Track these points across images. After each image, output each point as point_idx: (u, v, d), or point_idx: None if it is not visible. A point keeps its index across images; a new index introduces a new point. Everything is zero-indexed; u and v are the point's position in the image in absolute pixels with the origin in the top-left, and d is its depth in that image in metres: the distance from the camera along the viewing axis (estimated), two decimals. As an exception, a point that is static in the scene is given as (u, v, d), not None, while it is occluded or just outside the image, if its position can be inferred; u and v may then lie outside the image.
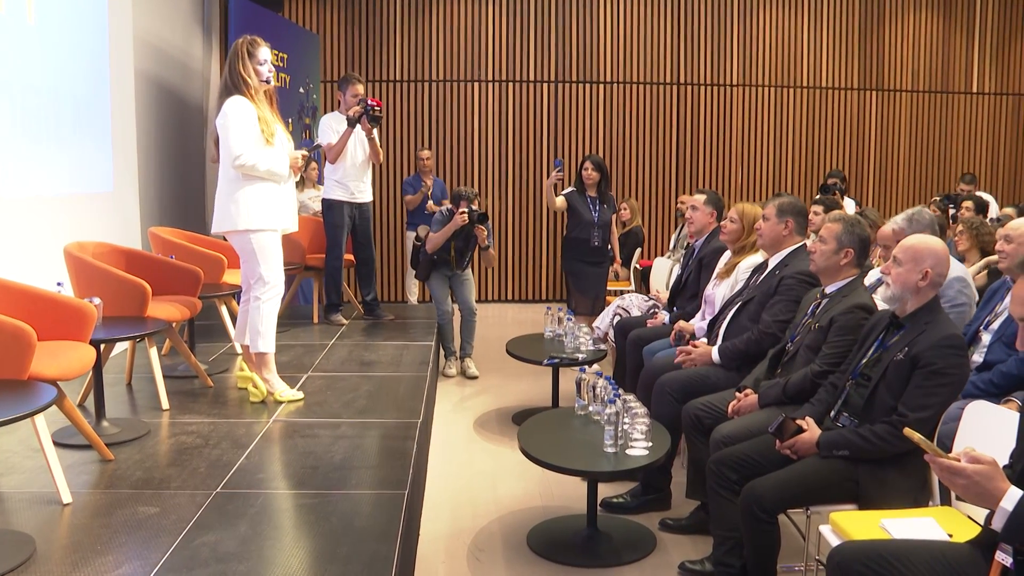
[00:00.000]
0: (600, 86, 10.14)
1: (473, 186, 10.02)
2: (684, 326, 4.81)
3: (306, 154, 4.63)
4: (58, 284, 4.16)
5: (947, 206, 7.46)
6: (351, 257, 6.71)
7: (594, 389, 3.90)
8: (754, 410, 3.56)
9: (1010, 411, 2.90)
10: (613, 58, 10.11)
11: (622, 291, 7.85)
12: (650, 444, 3.54)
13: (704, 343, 4.38)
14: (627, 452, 3.51)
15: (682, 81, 10.19)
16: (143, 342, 4.58)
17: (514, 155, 10.12)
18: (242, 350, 4.70)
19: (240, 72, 4.31)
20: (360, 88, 6.33)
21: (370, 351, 5.76)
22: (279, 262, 4.49)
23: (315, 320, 6.66)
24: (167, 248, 5.40)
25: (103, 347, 4.06)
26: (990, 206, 7.96)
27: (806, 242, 4.15)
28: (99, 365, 3.93)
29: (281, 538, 3.00)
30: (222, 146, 4.33)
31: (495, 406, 5.95)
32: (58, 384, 3.26)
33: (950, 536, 2.57)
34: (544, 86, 10.10)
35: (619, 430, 3.53)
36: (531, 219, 10.22)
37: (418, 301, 9.09)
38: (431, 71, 10.01)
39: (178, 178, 7.92)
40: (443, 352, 6.70)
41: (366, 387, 4.89)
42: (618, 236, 8.71)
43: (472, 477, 4.65)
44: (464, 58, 10.02)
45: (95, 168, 5.75)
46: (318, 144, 6.21)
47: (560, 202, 6.65)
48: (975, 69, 10.56)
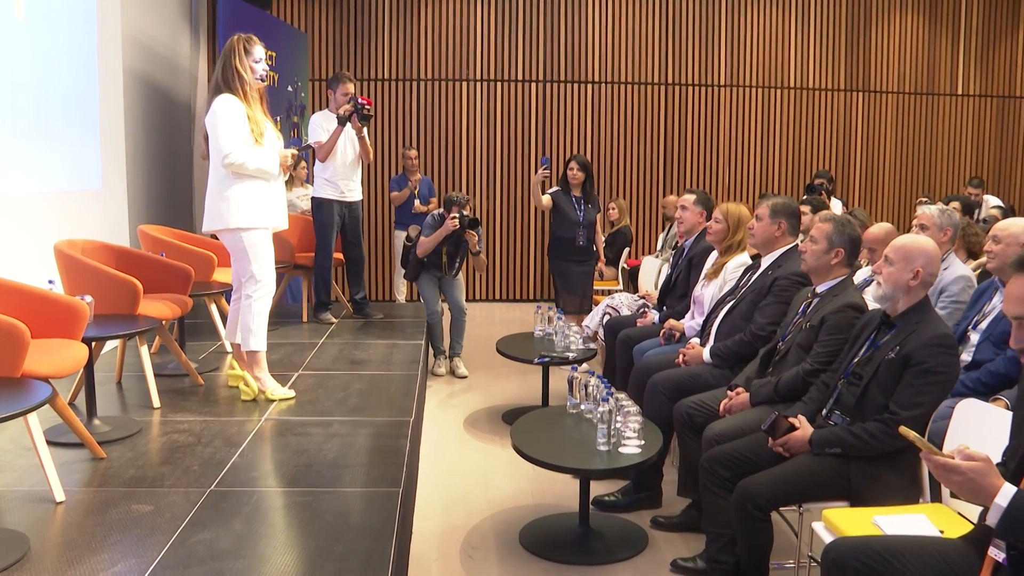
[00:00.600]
0: (589, 86, 10.17)
1: (462, 185, 10.04)
2: (674, 324, 4.84)
3: (296, 153, 4.62)
4: (49, 282, 4.14)
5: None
6: (340, 256, 6.71)
7: (586, 388, 3.92)
8: (746, 408, 3.59)
9: (1000, 409, 2.94)
10: (602, 58, 10.14)
11: (611, 290, 7.87)
12: (643, 442, 3.56)
13: (696, 343, 4.40)
14: (620, 450, 3.53)
15: (670, 81, 10.23)
16: (134, 340, 4.57)
17: (503, 154, 10.14)
18: (233, 348, 4.69)
19: (236, 67, 4.29)
20: (350, 87, 6.32)
21: (360, 350, 5.76)
22: (270, 260, 4.49)
23: (304, 319, 6.65)
24: (157, 246, 5.38)
25: (94, 345, 4.05)
26: (984, 207, 8.04)
27: (798, 243, 4.18)
28: (90, 363, 3.91)
29: (276, 536, 3.00)
30: (212, 145, 4.32)
31: (485, 405, 5.96)
32: (51, 382, 3.25)
33: (941, 532, 2.59)
34: (533, 85, 10.12)
35: (612, 428, 3.55)
36: (519, 218, 10.24)
37: (406, 300, 9.08)
38: (420, 70, 10.02)
39: (166, 176, 7.89)
40: (432, 351, 6.70)
41: (357, 386, 4.89)
42: (606, 236, 8.74)
43: (463, 476, 4.66)
44: (453, 57, 10.03)
45: (84, 166, 5.72)
46: (308, 144, 6.21)
47: (546, 200, 6.68)
48: (960, 71, 10.64)
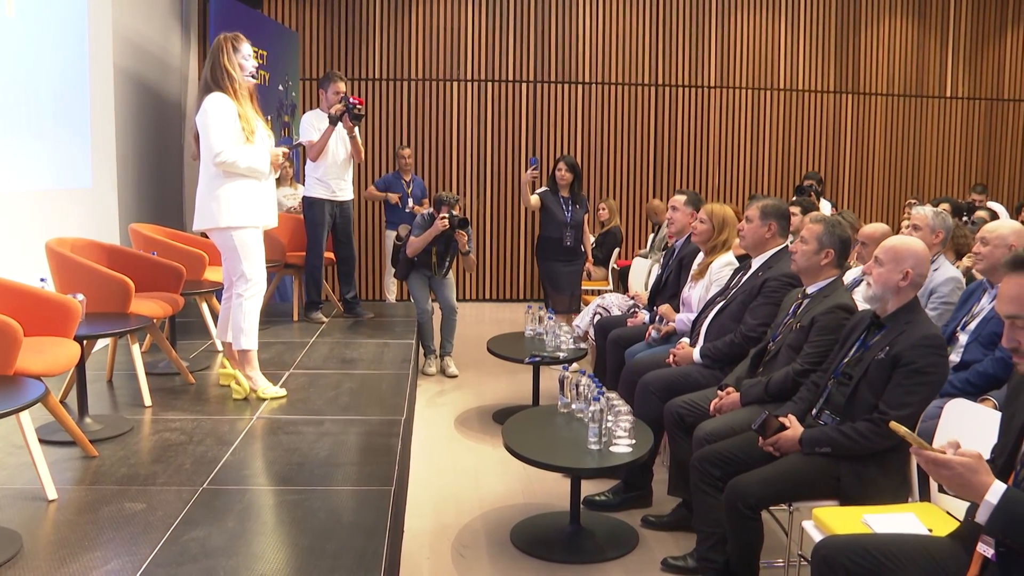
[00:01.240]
0: (579, 86, 10.19)
1: (451, 185, 10.04)
2: (667, 311, 4.85)
3: (287, 151, 4.63)
4: (41, 280, 4.14)
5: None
6: (331, 255, 6.71)
7: (577, 387, 3.94)
8: (736, 408, 3.61)
9: (989, 409, 2.97)
10: (592, 59, 10.17)
11: (601, 290, 7.90)
12: (633, 441, 3.58)
13: (686, 343, 4.43)
14: (611, 449, 3.55)
15: (660, 82, 10.26)
16: (125, 339, 4.56)
17: (493, 154, 10.15)
18: (224, 347, 4.69)
19: (225, 65, 4.28)
20: (342, 86, 6.32)
21: (351, 349, 5.76)
22: (261, 259, 4.49)
23: (295, 318, 6.65)
24: (148, 245, 5.37)
25: (85, 343, 4.04)
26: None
27: (788, 244, 4.20)
28: (82, 361, 3.90)
29: (269, 534, 3.01)
30: (203, 143, 4.31)
31: (475, 404, 5.97)
32: (43, 380, 3.24)
33: (930, 531, 2.62)
34: (523, 86, 10.13)
35: (603, 428, 3.56)
36: (509, 218, 10.25)
37: (396, 299, 9.08)
38: (410, 70, 10.02)
39: (157, 175, 7.88)
40: (423, 350, 6.70)
41: (348, 384, 4.89)
42: (596, 236, 8.76)
43: (455, 475, 4.67)
44: (443, 57, 10.03)
45: (74, 164, 5.71)
46: (299, 142, 6.21)
47: (535, 201, 6.70)
48: (949, 74, 10.71)
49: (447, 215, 6.32)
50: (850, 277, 4.58)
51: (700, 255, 4.93)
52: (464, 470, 4.74)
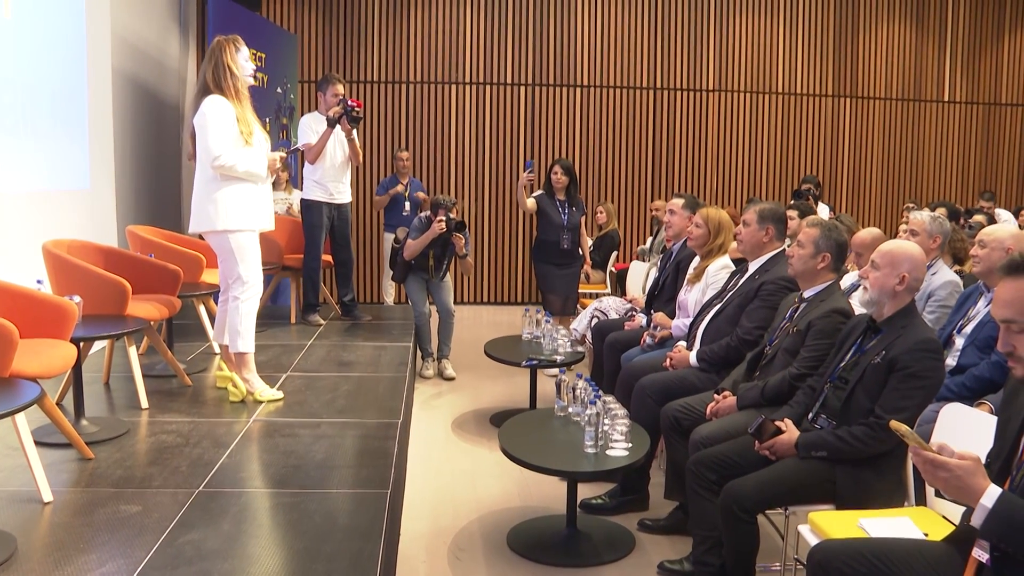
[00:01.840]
0: (577, 89, 10.19)
1: (451, 188, 10.04)
2: (662, 319, 4.85)
3: (284, 155, 4.62)
4: (38, 282, 4.13)
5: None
6: (329, 258, 6.71)
7: (574, 390, 3.94)
8: (732, 412, 3.60)
9: (984, 413, 2.97)
10: (591, 62, 10.17)
11: (599, 294, 7.89)
12: (630, 445, 3.57)
13: (683, 346, 4.43)
14: (607, 453, 3.55)
15: (659, 86, 10.26)
16: (122, 340, 4.56)
17: (492, 157, 10.15)
18: (221, 349, 4.69)
19: (228, 65, 4.28)
20: (340, 88, 6.32)
21: (348, 351, 5.76)
22: (257, 261, 4.49)
23: (292, 320, 6.65)
24: (146, 247, 5.37)
25: (82, 345, 4.03)
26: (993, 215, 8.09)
27: (785, 247, 4.20)
28: (79, 363, 3.90)
29: (265, 536, 3.00)
30: (200, 146, 4.31)
31: (472, 407, 5.96)
32: (39, 382, 3.24)
33: (926, 535, 2.62)
34: (522, 89, 10.14)
35: (599, 431, 3.56)
36: (508, 221, 10.25)
37: (394, 302, 9.08)
38: (409, 72, 10.02)
39: (154, 176, 7.88)
40: (420, 353, 6.70)
41: (345, 387, 4.89)
42: (594, 239, 8.76)
43: (451, 477, 4.67)
44: (442, 60, 10.04)
45: (72, 165, 5.71)
46: (297, 147, 6.20)
47: (531, 204, 6.71)
48: (947, 78, 10.72)
49: (444, 218, 6.32)
50: (848, 282, 4.58)
51: (695, 259, 4.93)
52: (461, 473, 4.74)
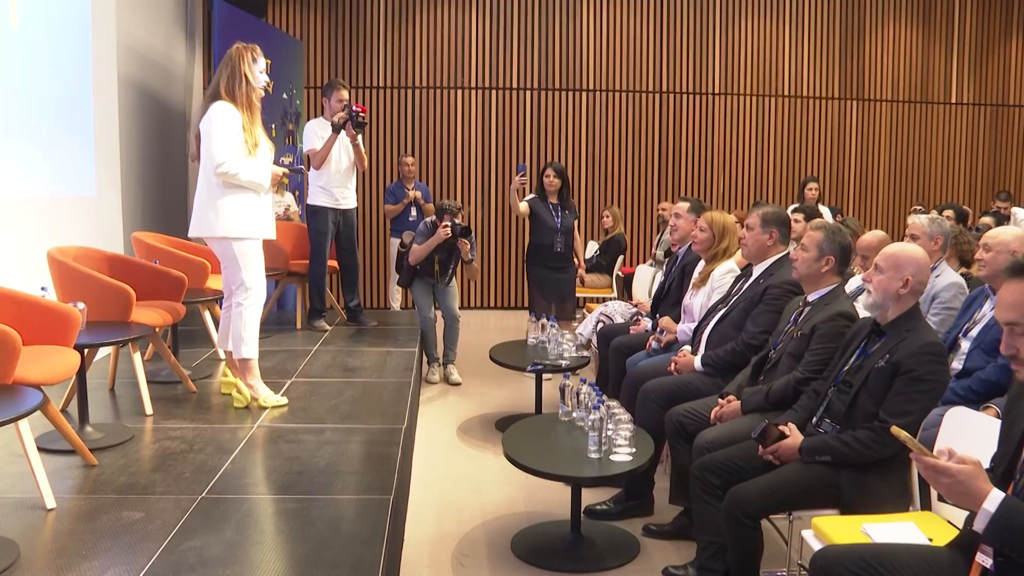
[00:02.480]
0: (582, 94, 10.19)
1: (456, 193, 10.05)
2: (667, 324, 4.84)
3: (287, 172, 4.62)
4: (42, 288, 4.15)
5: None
6: (335, 263, 6.71)
7: (578, 395, 3.93)
8: (737, 416, 3.59)
9: (989, 417, 2.95)
10: (595, 66, 10.17)
11: (605, 298, 7.88)
12: (634, 450, 3.56)
13: (687, 351, 4.41)
14: (611, 458, 3.54)
15: (664, 89, 10.25)
16: (126, 347, 4.56)
17: (496, 162, 10.15)
18: (226, 355, 4.69)
19: (246, 73, 4.28)
20: (345, 94, 6.33)
21: (354, 357, 5.76)
22: (260, 268, 4.48)
23: (298, 326, 6.65)
24: (151, 253, 5.37)
25: (87, 352, 4.04)
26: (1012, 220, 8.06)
27: (790, 251, 4.19)
28: (83, 370, 3.91)
29: (267, 543, 3.00)
30: (204, 152, 4.31)
31: (478, 412, 5.96)
32: (42, 389, 3.25)
33: (930, 540, 2.60)
34: (526, 93, 10.14)
35: (603, 436, 3.55)
36: (514, 226, 10.24)
37: (401, 307, 9.08)
38: (414, 77, 10.03)
39: (160, 183, 7.90)
40: (426, 359, 6.70)
41: (350, 393, 4.89)
42: (600, 243, 8.75)
43: (456, 483, 4.66)
44: (447, 65, 10.05)
45: (78, 172, 5.73)
46: (299, 167, 6.21)
47: (524, 208, 6.71)
48: (954, 80, 10.69)
49: (449, 223, 6.32)
50: (853, 285, 4.56)
51: (700, 263, 4.92)
52: (466, 478, 4.73)
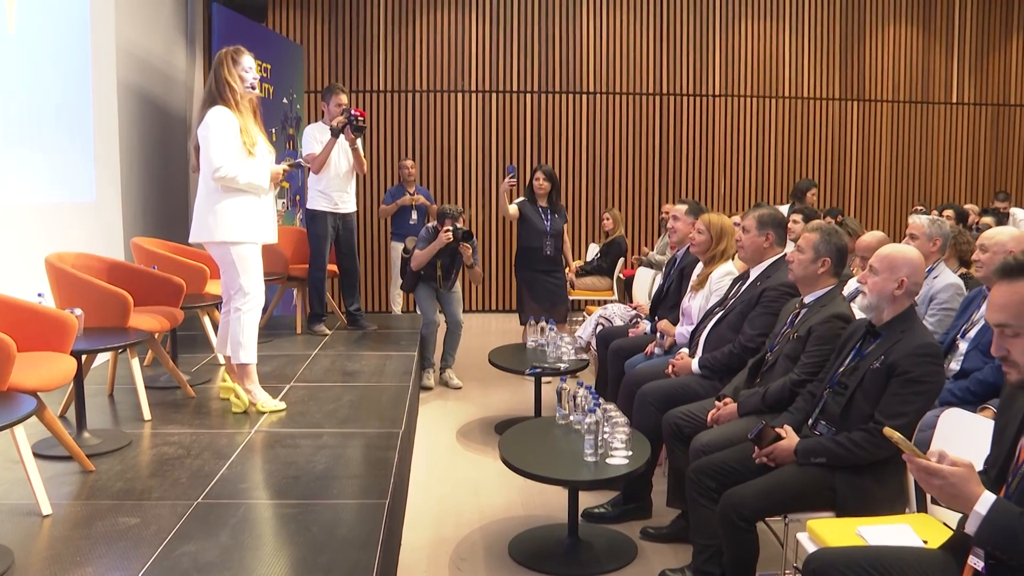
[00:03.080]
0: (583, 96, 10.19)
1: (457, 196, 10.05)
2: (666, 327, 4.84)
3: (287, 168, 4.62)
4: (39, 295, 4.15)
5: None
6: (335, 268, 6.72)
7: (574, 398, 3.92)
8: (733, 419, 3.58)
9: (984, 419, 2.94)
10: (595, 68, 10.17)
11: (604, 300, 7.87)
12: (630, 453, 3.55)
13: (685, 353, 4.40)
14: (607, 461, 3.53)
15: (664, 91, 10.25)
16: (125, 353, 4.57)
17: (497, 165, 10.15)
18: (225, 360, 4.69)
19: (226, 78, 4.30)
20: (343, 98, 6.34)
21: (353, 361, 5.76)
22: (259, 273, 4.48)
23: (298, 331, 6.65)
24: (150, 259, 5.38)
25: (85, 358, 4.04)
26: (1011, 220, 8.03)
27: (787, 253, 4.18)
28: (80, 376, 3.91)
29: (262, 548, 3.00)
30: (203, 157, 4.32)
31: (478, 416, 5.95)
32: (38, 395, 3.25)
33: (925, 542, 2.59)
34: (527, 96, 10.14)
35: (599, 439, 3.54)
36: (514, 230, 10.18)
37: (402, 311, 9.08)
38: (414, 81, 10.04)
39: (161, 188, 7.91)
40: (423, 363, 6.67)
41: (348, 397, 4.88)
42: (601, 246, 8.74)
43: (455, 486, 4.66)
44: (447, 68, 10.06)
45: (77, 178, 5.74)
46: (299, 161, 6.21)
47: (513, 210, 6.70)
48: (954, 80, 10.67)
49: (451, 228, 6.31)
50: (852, 287, 4.55)
51: (699, 266, 4.91)
52: (465, 482, 4.73)
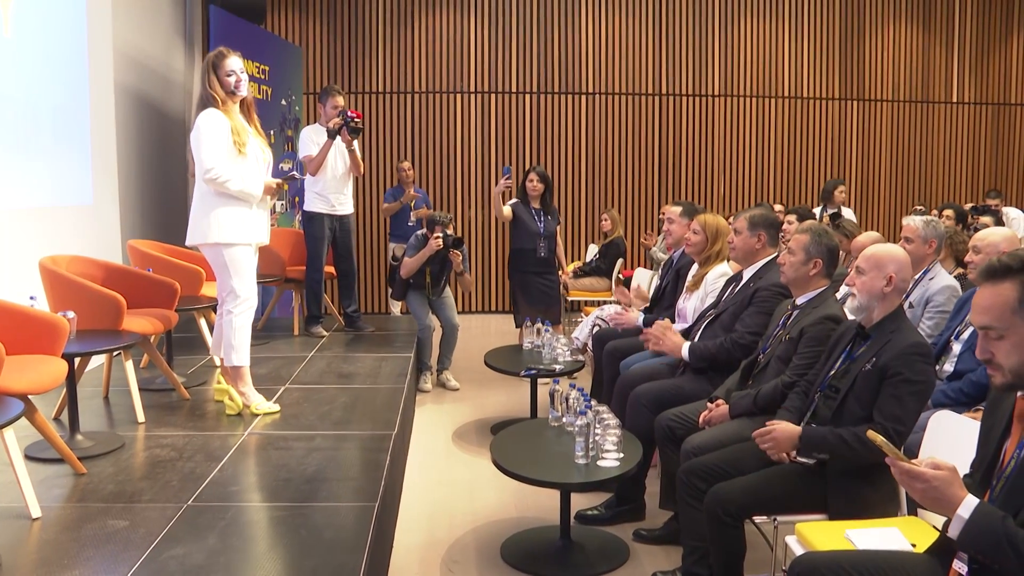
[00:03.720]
0: (582, 97, 10.18)
1: (456, 198, 10.06)
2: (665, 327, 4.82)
3: (282, 183, 4.61)
4: (31, 298, 4.15)
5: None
6: (332, 269, 6.72)
7: (567, 400, 3.91)
8: (725, 420, 3.57)
9: (975, 420, 2.92)
10: (595, 69, 10.16)
11: (603, 301, 7.86)
12: (621, 455, 3.55)
13: (678, 329, 4.38)
14: (598, 463, 3.52)
15: (664, 92, 10.24)
16: (120, 355, 4.57)
17: (496, 166, 10.14)
18: (220, 362, 4.69)
19: (211, 82, 4.34)
20: (340, 100, 6.34)
21: (349, 363, 5.76)
22: (252, 276, 4.48)
23: (295, 332, 6.65)
24: (146, 261, 5.38)
25: (78, 361, 4.05)
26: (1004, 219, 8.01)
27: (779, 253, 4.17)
28: (72, 378, 3.92)
29: (249, 551, 2.99)
30: (195, 160, 4.34)
31: (474, 417, 5.95)
32: (28, 398, 3.25)
33: (914, 546, 2.58)
34: (525, 97, 10.14)
35: (590, 441, 3.53)
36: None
37: (401, 313, 9.08)
38: (413, 83, 10.04)
39: (159, 191, 7.91)
40: (420, 366, 6.66)
41: (343, 399, 4.88)
42: (599, 246, 8.73)
43: (449, 488, 4.65)
44: (446, 69, 10.05)
45: (75, 181, 5.74)
46: (292, 174, 6.21)
47: (507, 212, 6.69)
48: (955, 79, 10.65)
49: (441, 235, 6.31)
50: (845, 290, 4.53)
51: (694, 267, 4.90)
52: (459, 483, 4.73)
